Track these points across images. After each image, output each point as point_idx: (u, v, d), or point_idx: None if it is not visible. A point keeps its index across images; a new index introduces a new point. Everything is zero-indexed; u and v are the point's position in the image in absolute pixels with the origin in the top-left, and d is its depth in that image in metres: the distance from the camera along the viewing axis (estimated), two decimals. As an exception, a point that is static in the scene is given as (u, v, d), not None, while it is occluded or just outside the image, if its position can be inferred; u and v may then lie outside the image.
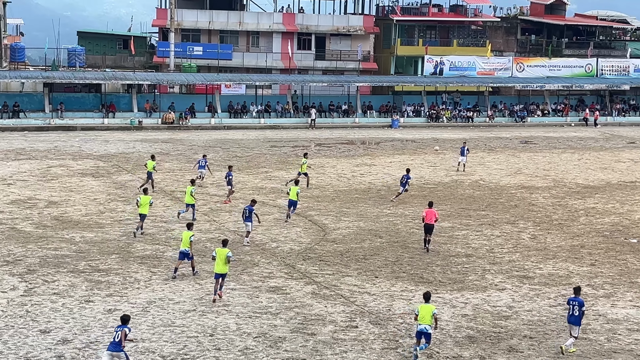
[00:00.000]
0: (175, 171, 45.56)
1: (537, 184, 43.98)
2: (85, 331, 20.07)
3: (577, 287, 20.40)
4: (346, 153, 55.23)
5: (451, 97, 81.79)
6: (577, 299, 19.81)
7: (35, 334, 19.77)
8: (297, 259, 27.52)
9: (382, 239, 30.64)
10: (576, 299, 19.79)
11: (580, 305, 19.59)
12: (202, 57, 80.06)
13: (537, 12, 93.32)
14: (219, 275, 23.02)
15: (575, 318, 19.57)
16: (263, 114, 73.42)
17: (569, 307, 19.82)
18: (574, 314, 19.62)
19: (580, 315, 19.55)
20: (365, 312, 22.11)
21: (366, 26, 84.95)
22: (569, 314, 19.78)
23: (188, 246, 25.16)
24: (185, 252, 25.20)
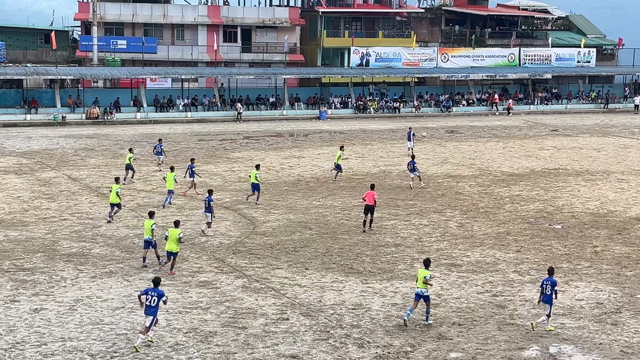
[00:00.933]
0: (101, 167, 44.91)
1: (464, 172, 44.59)
2: (11, 331, 19.66)
3: (551, 268, 21.19)
4: (274, 145, 55.16)
5: (378, 88, 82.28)
6: (550, 279, 20.60)
7: (-41, 336, 19.30)
8: (227, 252, 27.39)
9: (311, 231, 30.69)
10: (549, 279, 20.58)
11: (552, 285, 20.41)
12: (126, 50, 78.94)
13: (461, 3, 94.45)
14: (170, 253, 24.87)
15: (548, 297, 20.39)
16: (190, 108, 72.84)
17: (541, 288, 20.63)
18: (546, 293, 20.42)
19: (552, 294, 20.37)
20: (296, 304, 22.13)
21: (292, 18, 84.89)
22: (541, 293, 20.56)
23: (150, 234, 25.37)
24: (149, 240, 25.53)
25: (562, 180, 42.14)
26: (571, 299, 22.84)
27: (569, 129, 66.25)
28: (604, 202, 36.35)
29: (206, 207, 29.88)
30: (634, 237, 30.03)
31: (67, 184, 39.84)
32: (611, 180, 42.09)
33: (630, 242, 29.21)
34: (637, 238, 29.83)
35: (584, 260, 26.99)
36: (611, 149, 53.98)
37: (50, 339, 19.27)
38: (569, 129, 66.76)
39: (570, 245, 28.87)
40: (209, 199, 29.93)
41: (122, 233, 29.92)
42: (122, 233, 29.92)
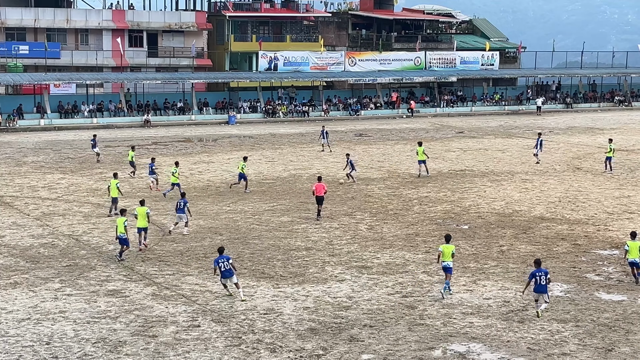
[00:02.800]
0: (4, 175, 43.72)
1: (372, 175, 44.99)
2: None
3: (538, 260, 22.12)
4: (183, 151, 54.68)
5: (287, 93, 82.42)
6: (541, 269, 21.52)
7: None
8: (135, 260, 27.00)
9: (222, 237, 30.51)
10: (540, 270, 21.49)
11: (545, 274, 21.36)
12: (28, 56, 77.22)
13: (367, 7, 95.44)
14: (141, 229, 28.13)
15: (543, 286, 21.32)
16: (95, 114, 71.61)
17: (534, 279, 21.35)
18: (541, 283, 21.28)
19: (547, 283, 21.31)
20: (207, 310, 21.96)
21: (199, 22, 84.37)
22: (535, 284, 21.34)
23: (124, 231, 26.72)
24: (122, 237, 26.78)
25: (468, 181, 42.94)
26: (479, 297, 23.26)
27: (474, 131, 67.57)
28: (509, 202, 37.17)
29: (180, 208, 30.55)
30: (538, 235, 30.79)
31: (-32, 193, 38.68)
32: (515, 180, 43.08)
33: (535, 241, 29.94)
34: (541, 237, 30.60)
35: (491, 259, 27.54)
36: (515, 150, 55.26)
37: (-48, 354, 18.67)
38: (474, 130, 68.09)
39: (477, 245, 29.41)
40: (184, 200, 30.76)
41: (26, 243, 29.19)
42: (27, 242, 29.19)
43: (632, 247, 24.28)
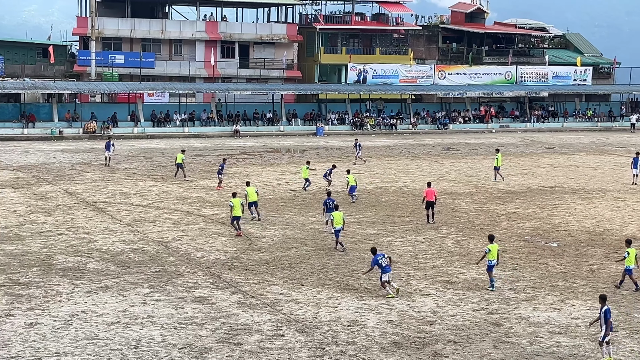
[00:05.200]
0: (97, 181, 44.90)
1: (460, 190, 44.62)
2: (6, 346, 19.59)
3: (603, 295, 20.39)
4: (271, 161, 55.19)
5: (375, 105, 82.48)
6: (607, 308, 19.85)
7: (-47, 350, 19.24)
8: (222, 268, 27.36)
9: (307, 247, 30.67)
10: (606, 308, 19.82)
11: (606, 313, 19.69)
12: (124, 65, 79.11)
13: (458, 20, 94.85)
14: (235, 218, 31.74)
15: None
16: (187, 123, 72.93)
17: None
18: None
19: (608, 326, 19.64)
20: (291, 320, 22.10)
21: (289, 34, 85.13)
22: None
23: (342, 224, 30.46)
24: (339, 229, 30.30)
25: (558, 198, 42.19)
26: (567, 317, 22.82)
27: (565, 147, 66.37)
28: (600, 221, 36.38)
29: (329, 207, 32.56)
30: (629, 255, 30.01)
31: (64, 198, 39.81)
32: (607, 198, 42.14)
33: (626, 261, 29.19)
34: (632, 256, 29.82)
35: (580, 278, 26.99)
36: (607, 167, 54.07)
37: (45, 354, 19.21)
38: (565, 146, 66.88)
39: (566, 264, 28.87)
40: (331, 200, 33.13)
41: (117, 248, 29.89)
42: (118, 248, 29.89)
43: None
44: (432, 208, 35.65)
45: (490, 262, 25.57)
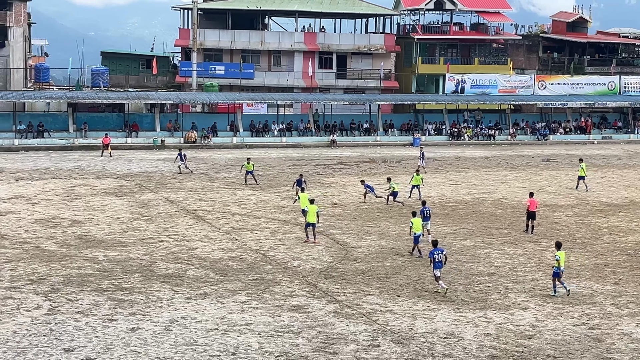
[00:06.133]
0: (197, 190, 45.74)
1: (560, 202, 43.77)
2: (108, 350, 20.14)
3: None
4: (367, 171, 55.21)
5: (473, 115, 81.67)
6: None
7: (59, 352, 19.87)
8: (318, 277, 27.52)
9: (404, 258, 30.58)
10: None
11: None
12: (224, 76, 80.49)
13: (559, 29, 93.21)
14: (309, 224, 32.32)
15: None
16: (284, 133, 73.68)
17: None
18: None
19: None
20: (387, 331, 22.06)
21: (387, 45, 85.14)
22: None
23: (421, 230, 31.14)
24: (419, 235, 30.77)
25: (663, 211, 40.96)
26: (672, 334, 22.12)
27: (671, 159, 64.35)
28: None
29: (427, 216, 32.90)
30: None
31: (165, 206, 40.72)
32: None
33: None
34: None
35: (686, 294, 26.14)
36: None
37: (146, 359, 19.66)
38: (671, 159, 64.85)
39: (671, 279, 27.99)
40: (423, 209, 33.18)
41: (216, 255, 30.39)
42: (217, 255, 30.38)
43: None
44: (533, 219, 35.40)
45: (557, 269, 25.74)
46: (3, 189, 44.49)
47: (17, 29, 75.64)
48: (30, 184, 46.75)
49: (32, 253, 30.04)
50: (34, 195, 42.84)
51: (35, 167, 53.78)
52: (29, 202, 40.66)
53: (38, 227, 34.87)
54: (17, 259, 29.00)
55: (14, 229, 34.38)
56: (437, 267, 25.69)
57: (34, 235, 33.11)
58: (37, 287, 25.51)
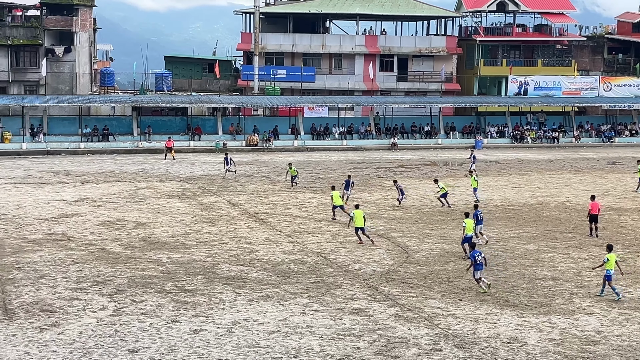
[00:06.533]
0: (259, 193, 46.03)
1: (626, 205, 42.99)
2: (172, 351, 20.37)
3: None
4: (429, 174, 54.93)
5: (536, 118, 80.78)
6: None
7: (124, 353, 20.17)
8: (380, 280, 27.46)
9: (466, 262, 30.32)
10: None
11: None
12: (285, 80, 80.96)
13: (625, 30, 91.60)
14: (358, 228, 32.56)
15: None
16: (345, 136, 73.75)
17: None
18: None
19: None
20: (449, 335, 21.92)
21: (449, 47, 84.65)
22: None
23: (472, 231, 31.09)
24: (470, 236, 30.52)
25: None
26: None
27: None
28: None
29: (478, 220, 32.74)
30: None
31: (227, 208, 41.07)
32: None
33: None
34: None
35: None
36: None
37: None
38: None
39: None
40: (476, 213, 32.91)
41: (278, 258, 30.53)
42: (279, 258, 30.53)
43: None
44: (596, 222, 34.94)
45: (608, 271, 25.58)
46: (69, 192, 45.38)
47: (83, 34, 77.08)
48: (96, 186, 47.59)
49: (98, 255, 30.56)
50: (99, 197, 43.60)
51: (101, 170, 54.73)
52: (95, 205, 41.39)
53: (103, 229, 35.47)
54: (83, 261, 29.53)
55: (80, 231, 35.03)
56: (478, 268, 25.97)
57: (99, 237, 33.68)
58: (103, 288, 25.94)
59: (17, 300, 24.39)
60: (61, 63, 74.95)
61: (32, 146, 66.21)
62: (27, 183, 48.71)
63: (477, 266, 25.96)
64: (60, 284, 26.27)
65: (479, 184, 44.12)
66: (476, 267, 25.97)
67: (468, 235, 30.66)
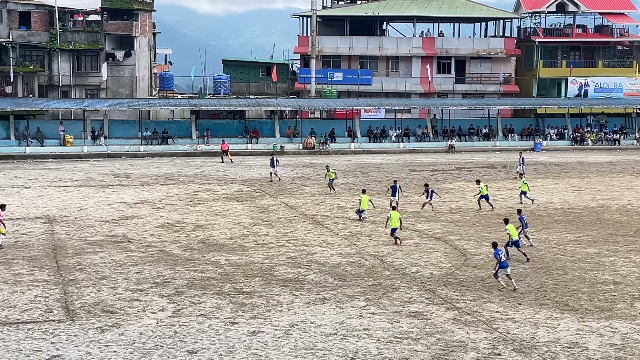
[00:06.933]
0: (316, 195, 46.13)
1: (690, 209, 42.15)
2: (230, 352, 20.54)
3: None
4: (487, 177, 54.46)
5: (597, 120, 79.60)
6: None
7: (183, 354, 20.39)
8: (437, 284, 27.33)
9: (525, 265, 30.03)
10: None
11: None
12: (342, 82, 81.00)
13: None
14: (394, 229, 33.04)
15: None
16: (402, 138, 73.53)
17: None
18: None
19: None
20: (508, 339, 21.71)
21: (507, 48, 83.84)
22: None
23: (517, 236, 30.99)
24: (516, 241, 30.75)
25: None
26: None
27: None
28: None
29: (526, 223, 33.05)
30: None
31: (284, 211, 41.26)
32: None
33: None
34: None
35: None
36: None
37: (267, 361, 19.97)
38: None
39: None
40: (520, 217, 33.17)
41: (335, 260, 30.57)
42: (336, 260, 30.57)
43: None
44: None
45: None
46: (129, 194, 46.04)
47: (143, 38, 78.12)
48: (155, 189, 48.20)
49: (157, 256, 30.95)
50: (158, 200, 44.15)
51: (160, 173, 55.41)
52: (154, 207, 41.92)
53: (163, 231, 35.91)
54: (142, 262, 29.94)
55: (139, 232, 35.51)
56: (503, 266, 26.47)
57: (158, 239, 34.10)
58: (162, 289, 26.26)
59: (78, 301, 24.83)
60: (121, 67, 76.06)
61: (93, 149, 67.33)
62: (88, 185, 49.54)
63: (503, 263, 26.48)
64: (120, 285, 26.68)
65: (529, 187, 43.58)
66: (501, 264, 26.46)
67: (514, 239, 30.55)
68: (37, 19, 74.23)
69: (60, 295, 25.45)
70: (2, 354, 20.19)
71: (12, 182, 50.74)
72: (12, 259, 30.19)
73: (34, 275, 27.87)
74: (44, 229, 36.17)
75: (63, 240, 33.83)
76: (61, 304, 24.52)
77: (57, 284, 26.78)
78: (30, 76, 71.88)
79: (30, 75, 71.83)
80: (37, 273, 28.21)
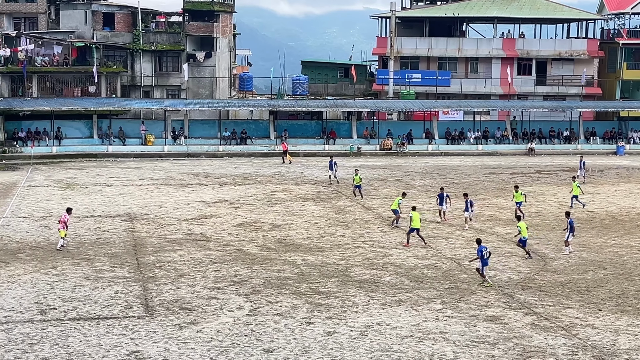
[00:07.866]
0: (392, 197, 45.93)
1: None
2: (306, 352, 20.63)
3: None
4: (567, 181, 53.49)
5: (682, 123, 77.44)
6: None
7: (259, 353, 20.56)
8: (515, 288, 26.99)
9: (605, 271, 29.44)
10: None
11: None
12: (420, 84, 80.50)
13: None
14: (413, 229, 33.25)
15: None
16: (481, 140, 72.78)
17: None
18: None
19: None
20: (588, 346, 21.32)
21: (590, 50, 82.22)
22: None
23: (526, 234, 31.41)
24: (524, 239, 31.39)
25: None
26: None
27: None
28: None
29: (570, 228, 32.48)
30: None
31: (361, 212, 41.26)
32: None
33: None
34: None
35: None
36: None
37: (342, 362, 20.00)
38: None
39: None
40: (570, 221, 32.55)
41: (411, 263, 30.45)
42: (412, 263, 30.44)
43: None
44: None
45: None
46: (208, 193, 46.63)
47: (223, 39, 79.02)
48: (233, 188, 48.71)
49: (235, 255, 31.28)
50: (236, 199, 44.60)
51: (238, 173, 55.98)
52: (232, 206, 42.36)
53: (240, 230, 36.27)
54: (220, 261, 30.30)
55: (218, 231, 35.95)
56: (485, 264, 27.27)
57: (236, 238, 34.46)
58: (239, 288, 26.52)
59: (157, 298, 25.27)
60: (202, 68, 77.05)
61: (173, 148, 68.38)
62: (168, 184, 50.36)
63: (484, 261, 27.19)
64: (199, 283, 27.05)
65: (581, 191, 42.62)
66: (484, 262, 27.20)
67: (524, 237, 31.16)
68: (121, 20, 75.76)
69: (140, 292, 25.94)
70: (83, 348, 20.67)
71: (95, 180, 51.90)
72: (94, 256, 30.89)
73: (115, 272, 28.47)
74: (125, 226, 36.91)
75: (143, 237, 34.47)
76: (141, 301, 24.99)
77: (137, 281, 27.30)
78: (113, 76, 73.32)
79: (113, 76, 73.28)
80: (117, 270, 28.81)
